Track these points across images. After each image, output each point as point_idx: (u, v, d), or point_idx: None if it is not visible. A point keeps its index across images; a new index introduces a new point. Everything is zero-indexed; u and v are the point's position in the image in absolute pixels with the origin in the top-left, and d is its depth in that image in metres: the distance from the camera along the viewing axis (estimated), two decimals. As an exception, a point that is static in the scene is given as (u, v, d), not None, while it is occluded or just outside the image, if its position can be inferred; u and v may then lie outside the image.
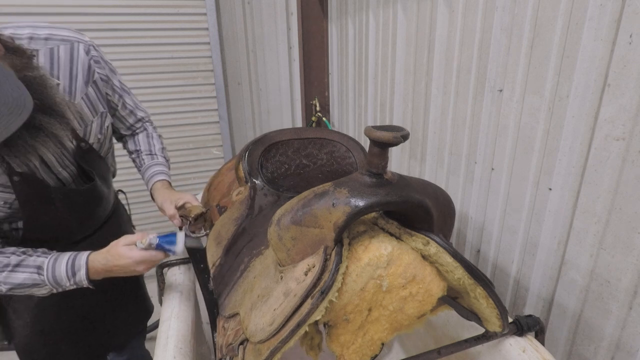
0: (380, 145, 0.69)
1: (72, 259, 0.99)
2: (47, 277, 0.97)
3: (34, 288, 0.98)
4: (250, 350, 0.73)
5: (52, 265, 0.98)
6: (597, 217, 0.91)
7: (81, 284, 0.99)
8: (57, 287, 0.99)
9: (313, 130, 1.31)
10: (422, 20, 1.44)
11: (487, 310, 0.81)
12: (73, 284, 0.99)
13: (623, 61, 0.80)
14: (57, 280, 0.97)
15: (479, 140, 1.25)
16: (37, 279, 0.96)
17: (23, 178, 0.97)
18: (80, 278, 0.98)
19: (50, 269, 0.97)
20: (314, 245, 0.72)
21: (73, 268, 0.98)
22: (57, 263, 0.98)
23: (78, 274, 0.98)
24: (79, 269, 0.98)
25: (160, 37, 2.28)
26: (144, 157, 1.34)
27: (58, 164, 1.06)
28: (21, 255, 0.97)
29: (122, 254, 0.98)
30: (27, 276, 0.96)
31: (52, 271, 0.97)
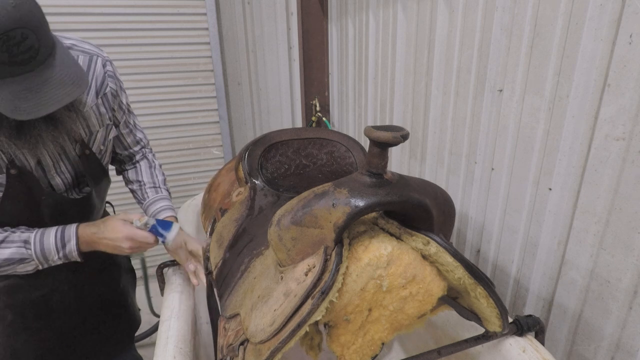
0: (380, 145, 0.69)
1: (60, 231, 0.97)
2: (35, 251, 0.94)
3: (20, 264, 0.95)
4: (250, 351, 0.73)
5: (40, 238, 0.95)
6: (597, 217, 0.91)
7: (70, 256, 0.97)
8: (44, 262, 0.96)
9: (313, 130, 1.31)
10: (422, 20, 1.44)
11: (487, 310, 0.81)
12: (62, 256, 0.96)
13: (623, 61, 0.80)
14: (45, 253, 0.95)
15: (479, 140, 1.25)
16: (24, 253, 0.94)
17: (20, 173, 0.95)
18: (70, 249, 0.96)
19: (38, 242, 0.95)
20: (314, 246, 0.72)
21: (63, 239, 0.96)
22: (44, 236, 0.96)
23: (68, 244, 0.96)
24: (69, 239, 0.96)
25: (160, 37, 2.28)
26: (147, 190, 1.28)
27: (54, 168, 1.03)
28: (3, 232, 0.95)
29: (115, 227, 0.98)
30: (14, 251, 0.93)
31: (40, 244, 0.95)
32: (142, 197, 1.28)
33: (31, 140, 0.90)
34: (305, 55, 2.46)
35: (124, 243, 0.98)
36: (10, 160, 0.93)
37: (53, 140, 0.95)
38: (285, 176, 1.19)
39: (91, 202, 1.15)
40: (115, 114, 1.17)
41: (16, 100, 0.74)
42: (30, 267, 0.97)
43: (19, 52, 0.72)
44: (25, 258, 0.94)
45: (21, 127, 0.87)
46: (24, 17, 0.72)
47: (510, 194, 1.16)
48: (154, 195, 1.27)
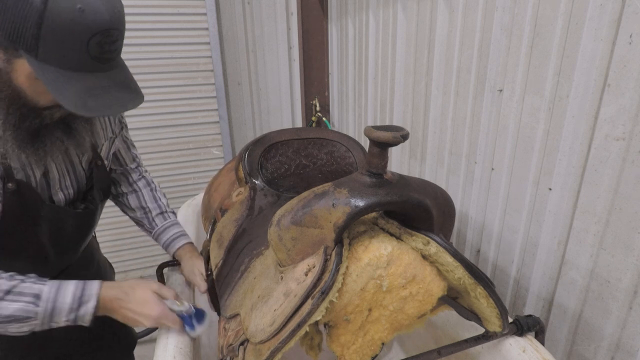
0: (380, 145, 0.69)
1: (81, 287, 0.83)
2: (45, 308, 0.79)
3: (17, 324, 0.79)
4: (250, 351, 0.73)
5: (55, 294, 0.81)
6: (597, 217, 0.91)
7: (81, 320, 0.83)
8: (47, 323, 0.82)
9: (313, 130, 1.31)
10: (422, 20, 1.44)
11: (487, 310, 0.81)
12: (71, 319, 0.82)
13: (623, 61, 0.80)
14: (55, 312, 0.80)
15: (479, 140, 1.25)
16: (31, 311, 0.78)
17: (19, 187, 0.86)
18: (85, 312, 0.83)
19: (52, 299, 0.80)
20: (314, 246, 0.72)
21: (82, 298, 0.82)
22: (60, 292, 0.81)
23: (85, 305, 0.82)
24: (87, 299, 0.83)
25: (160, 37, 2.28)
26: (155, 218, 1.20)
27: (59, 182, 0.96)
28: (12, 280, 0.79)
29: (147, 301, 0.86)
30: (21, 307, 0.78)
31: (53, 302, 0.80)
32: (150, 226, 1.20)
33: (44, 149, 0.85)
34: (305, 55, 2.46)
35: (148, 322, 0.86)
36: (8, 174, 0.85)
37: (65, 150, 0.91)
38: (285, 176, 1.19)
39: (95, 217, 1.10)
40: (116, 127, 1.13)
41: (86, 96, 0.73)
42: (26, 329, 0.81)
43: (108, 50, 0.74)
44: (29, 317, 0.79)
45: (39, 133, 0.83)
46: (121, 20, 0.76)
47: (510, 194, 1.16)
48: (163, 222, 1.20)
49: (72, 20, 0.68)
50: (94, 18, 0.70)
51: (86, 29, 0.70)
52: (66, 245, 1.04)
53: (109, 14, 0.72)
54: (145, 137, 2.43)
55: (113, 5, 0.73)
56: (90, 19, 0.69)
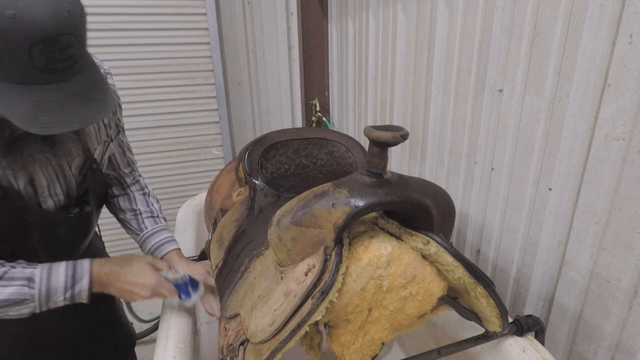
0: (379, 145, 0.69)
1: (72, 267, 0.85)
2: (40, 290, 0.80)
3: (16, 307, 0.80)
4: (250, 351, 0.73)
5: (47, 275, 0.82)
6: (597, 217, 0.91)
7: (79, 296, 0.84)
8: (45, 304, 0.82)
9: (313, 130, 1.31)
10: (422, 20, 1.44)
11: (487, 310, 0.81)
12: (69, 297, 0.83)
13: (623, 61, 0.80)
14: (51, 292, 0.81)
15: (479, 140, 1.25)
16: (26, 293, 0.80)
17: (5, 192, 0.82)
18: (80, 288, 0.84)
19: (45, 279, 0.81)
20: (314, 246, 0.72)
21: (74, 276, 0.83)
22: (52, 272, 0.83)
23: (79, 283, 0.83)
24: (81, 277, 0.84)
25: (160, 37, 2.28)
26: (145, 220, 1.14)
27: (47, 189, 0.92)
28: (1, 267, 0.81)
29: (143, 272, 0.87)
30: (15, 290, 0.79)
31: (47, 282, 0.81)
32: (138, 227, 1.14)
33: (21, 160, 0.81)
34: (305, 55, 2.46)
35: (145, 291, 0.87)
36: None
37: (47, 161, 0.86)
38: (285, 176, 1.19)
39: (90, 221, 1.06)
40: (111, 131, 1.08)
41: (38, 111, 0.66)
42: (26, 311, 0.82)
43: (59, 59, 0.66)
44: (26, 299, 0.80)
45: (12, 145, 0.79)
46: (74, 24, 0.67)
47: (510, 194, 1.16)
48: (153, 225, 1.14)
49: (3, 30, 0.60)
50: (31, 25, 0.61)
51: (23, 38, 0.61)
52: (60, 250, 1.00)
53: (52, 19, 0.63)
54: (145, 137, 2.43)
55: (57, 7, 0.64)
56: (26, 26, 0.61)
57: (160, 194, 2.54)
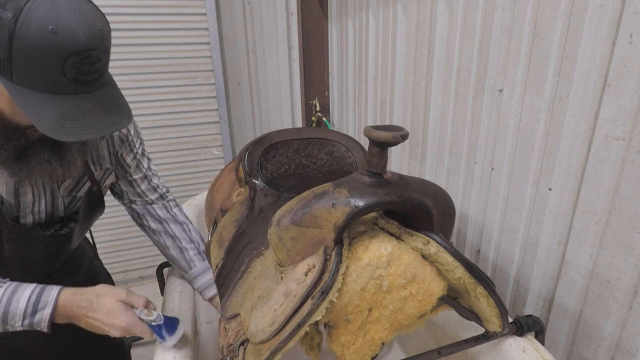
0: (379, 145, 0.69)
1: (37, 293, 0.80)
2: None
3: None
4: (250, 351, 0.73)
5: (9, 297, 0.78)
6: (597, 217, 0.91)
7: (38, 325, 0.79)
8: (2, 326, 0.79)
9: (313, 130, 1.31)
10: (422, 20, 1.44)
11: (487, 310, 0.81)
12: (27, 324, 0.78)
13: (623, 61, 0.80)
14: (8, 316, 0.77)
15: (479, 140, 1.25)
16: None
17: None
18: (40, 318, 0.78)
19: (6, 301, 0.77)
20: (314, 246, 0.72)
21: (36, 304, 0.78)
22: (15, 295, 0.78)
23: (40, 312, 0.78)
24: (44, 306, 0.79)
25: (160, 37, 2.28)
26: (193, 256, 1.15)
27: (31, 205, 0.92)
28: None
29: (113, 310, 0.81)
30: None
31: (7, 305, 0.77)
32: (187, 266, 1.15)
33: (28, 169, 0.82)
34: (305, 55, 2.45)
35: (115, 331, 0.81)
36: None
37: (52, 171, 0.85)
38: (285, 176, 1.19)
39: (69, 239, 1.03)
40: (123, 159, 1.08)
41: (64, 119, 0.70)
42: None
43: (88, 71, 0.71)
44: None
45: (24, 153, 0.81)
46: (103, 41, 0.73)
47: (510, 194, 1.16)
48: (201, 264, 1.14)
49: (43, 42, 0.65)
50: (68, 39, 0.67)
51: (59, 51, 0.66)
52: (33, 263, 0.99)
53: (86, 34, 0.68)
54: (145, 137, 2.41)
55: (91, 25, 0.70)
56: (63, 40, 0.66)
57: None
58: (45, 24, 0.65)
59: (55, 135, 0.70)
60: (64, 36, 0.66)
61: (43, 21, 0.65)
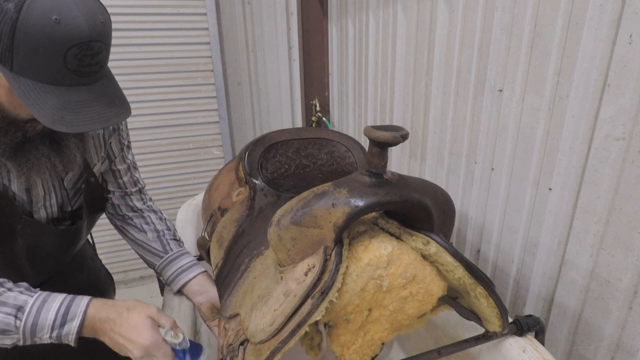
0: (379, 145, 0.69)
1: (66, 303, 0.76)
2: (25, 323, 0.72)
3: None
4: (250, 351, 0.73)
5: (39, 307, 0.74)
6: (597, 217, 0.91)
7: (65, 339, 0.76)
8: (30, 339, 0.74)
9: (313, 130, 1.31)
10: (422, 20, 1.44)
11: (487, 310, 0.81)
12: (55, 337, 0.75)
13: (623, 61, 0.80)
14: (37, 328, 0.73)
15: (479, 140, 1.25)
16: (11, 323, 0.72)
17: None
18: (69, 330, 0.75)
19: (35, 312, 0.73)
20: (314, 246, 0.72)
21: (66, 315, 0.75)
22: (45, 306, 0.74)
23: (69, 324, 0.75)
24: (72, 317, 0.75)
25: (160, 37, 2.28)
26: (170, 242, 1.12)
27: (43, 200, 0.91)
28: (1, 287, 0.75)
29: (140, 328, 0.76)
30: (1, 318, 0.71)
31: (36, 316, 0.73)
32: (163, 249, 1.10)
33: (27, 164, 0.81)
34: (305, 55, 2.46)
35: (137, 351, 0.76)
36: None
37: (52, 167, 0.84)
38: (285, 176, 1.19)
39: (79, 234, 1.03)
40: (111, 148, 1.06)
41: (64, 110, 0.69)
42: (9, 341, 0.74)
43: (88, 63, 0.71)
44: (9, 330, 0.72)
45: (22, 147, 0.80)
46: (105, 33, 0.73)
47: (510, 194, 1.16)
48: (178, 248, 1.11)
49: (46, 32, 0.65)
50: (71, 30, 0.66)
51: (62, 41, 0.66)
52: (44, 260, 0.97)
53: (89, 25, 0.68)
54: (145, 137, 2.43)
55: (94, 17, 0.69)
56: (66, 31, 0.66)
57: (160, 194, 2.54)
58: (48, 14, 0.65)
59: (54, 126, 0.69)
60: (67, 27, 0.66)
61: (47, 11, 0.65)
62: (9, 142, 0.78)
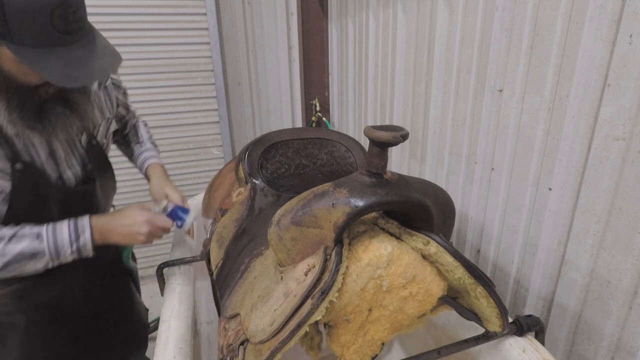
0: (379, 145, 0.69)
1: (73, 222, 0.94)
2: (48, 244, 0.90)
3: (31, 261, 0.90)
4: (250, 351, 0.73)
5: (52, 231, 0.92)
6: (597, 217, 0.91)
7: (84, 249, 0.94)
8: (56, 258, 0.92)
9: (313, 130, 1.31)
10: (422, 20, 1.44)
11: (487, 310, 0.81)
12: (75, 250, 0.93)
13: (623, 61, 0.80)
14: (58, 246, 0.91)
15: (479, 140, 1.25)
16: (37, 247, 0.89)
17: (25, 167, 0.93)
18: (84, 240, 0.93)
19: (51, 234, 0.91)
20: (314, 246, 0.72)
21: (77, 230, 0.93)
22: (57, 228, 0.92)
23: (82, 236, 0.93)
24: (82, 230, 0.93)
25: (160, 37, 2.28)
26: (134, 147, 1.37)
27: (65, 161, 1.03)
28: (12, 228, 0.90)
29: (131, 213, 0.98)
30: (27, 244, 0.89)
31: (54, 237, 0.91)
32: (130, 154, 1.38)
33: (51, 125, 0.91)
34: (305, 55, 2.45)
35: (143, 227, 0.96)
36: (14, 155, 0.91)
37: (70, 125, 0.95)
38: (285, 176, 1.19)
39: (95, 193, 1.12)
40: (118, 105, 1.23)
41: (68, 68, 0.78)
42: (40, 265, 0.92)
43: (72, 20, 0.78)
44: (37, 253, 0.90)
45: (42, 109, 0.90)
46: None
47: (510, 194, 1.16)
48: (139, 149, 1.35)
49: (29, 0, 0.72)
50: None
51: (44, 5, 0.74)
52: None
53: None
54: (145, 137, 2.43)
55: None
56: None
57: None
58: None
59: (64, 83, 0.78)
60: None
61: None
62: (29, 108, 0.87)
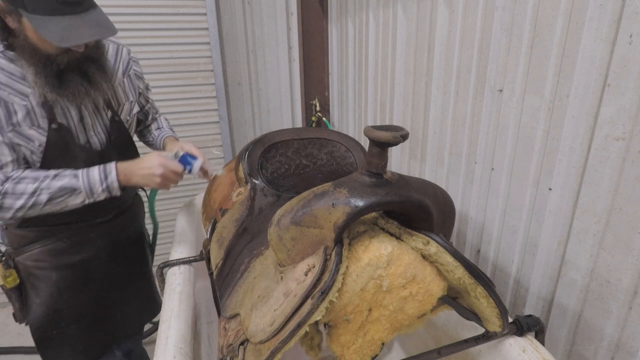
0: (379, 145, 0.69)
1: (102, 166, 1.11)
2: (83, 181, 1.07)
3: (71, 196, 1.07)
4: (250, 351, 0.73)
5: (86, 172, 1.09)
6: (597, 217, 0.91)
7: (112, 187, 1.10)
8: (90, 195, 1.09)
9: (313, 130, 1.31)
10: (422, 20, 1.44)
11: (487, 310, 0.81)
12: (105, 188, 1.09)
13: (623, 61, 0.80)
14: (92, 184, 1.08)
15: (479, 140, 1.25)
16: (75, 183, 1.07)
17: (60, 127, 1.10)
18: (112, 179, 1.09)
19: (85, 174, 1.08)
20: (314, 246, 0.72)
21: (105, 172, 1.09)
22: (89, 170, 1.09)
23: (110, 176, 1.09)
24: (109, 172, 1.10)
25: (160, 37, 2.27)
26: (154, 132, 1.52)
27: (92, 128, 1.19)
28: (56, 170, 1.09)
29: (148, 158, 1.12)
30: (67, 181, 1.06)
31: (87, 176, 1.08)
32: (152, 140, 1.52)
33: (70, 91, 1.06)
34: (305, 55, 2.45)
35: (157, 169, 1.09)
36: (52, 115, 1.08)
37: (87, 94, 1.10)
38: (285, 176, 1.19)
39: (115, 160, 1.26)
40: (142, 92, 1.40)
41: (64, 31, 0.93)
42: (78, 200, 1.09)
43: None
44: (75, 189, 1.07)
45: (61, 76, 1.04)
46: None
47: (510, 194, 1.16)
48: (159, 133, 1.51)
49: None
50: None
51: None
52: None
53: None
54: (145, 137, 2.43)
55: None
56: None
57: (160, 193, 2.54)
58: None
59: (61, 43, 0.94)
60: None
61: None
62: (50, 73, 1.02)
